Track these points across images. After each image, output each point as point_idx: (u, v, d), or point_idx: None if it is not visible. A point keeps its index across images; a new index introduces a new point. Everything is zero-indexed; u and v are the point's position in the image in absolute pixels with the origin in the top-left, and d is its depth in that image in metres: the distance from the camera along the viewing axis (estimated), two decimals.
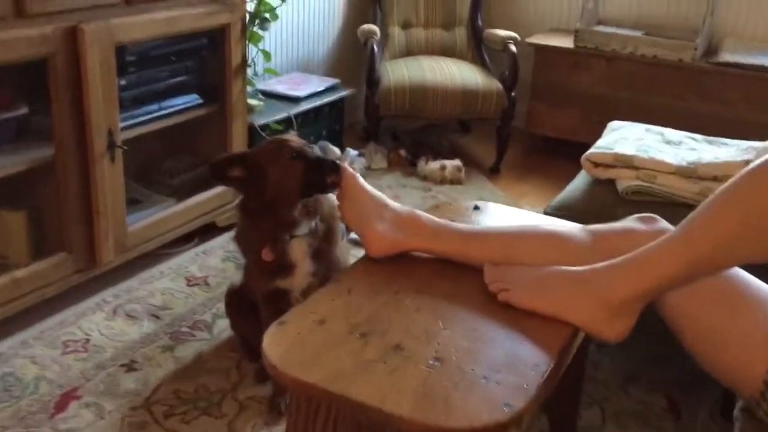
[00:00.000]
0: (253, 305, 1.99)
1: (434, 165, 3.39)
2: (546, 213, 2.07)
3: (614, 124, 2.44)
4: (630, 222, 1.50)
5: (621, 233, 1.47)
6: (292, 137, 1.78)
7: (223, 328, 2.25)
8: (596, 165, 2.12)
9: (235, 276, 2.53)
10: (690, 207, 2.05)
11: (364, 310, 1.37)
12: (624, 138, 2.22)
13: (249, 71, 2.82)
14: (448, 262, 1.53)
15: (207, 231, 2.81)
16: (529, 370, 1.22)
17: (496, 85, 3.57)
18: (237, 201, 1.85)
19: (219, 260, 2.66)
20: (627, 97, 3.63)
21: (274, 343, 1.27)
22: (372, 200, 1.60)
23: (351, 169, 1.65)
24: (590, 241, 1.46)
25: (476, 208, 1.82)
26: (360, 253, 1.56)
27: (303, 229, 1.77)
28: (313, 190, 1.72)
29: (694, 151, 2.17)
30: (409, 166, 3.58)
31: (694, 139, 2.30)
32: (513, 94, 3.58)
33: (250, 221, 1.80)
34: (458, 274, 1.50)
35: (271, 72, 3.07)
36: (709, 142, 2.28)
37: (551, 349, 1.28)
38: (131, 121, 2.41)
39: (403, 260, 1.55)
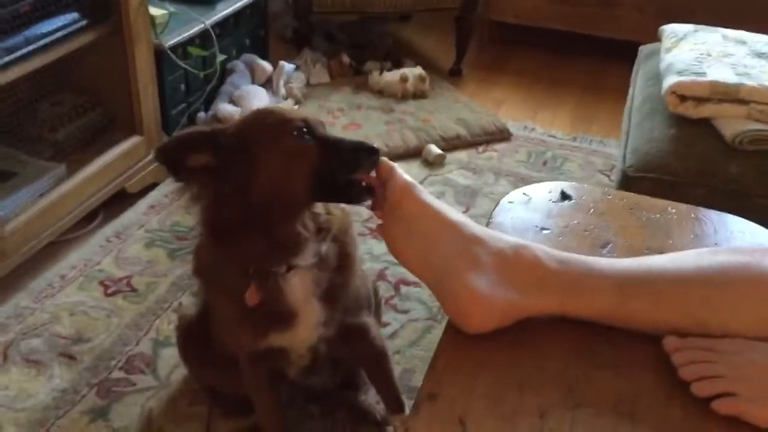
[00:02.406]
0: (217, 339, 1.34)
1: (391, 76, 2.69)
2: (626, 176, 1.48)
3: (675, 29, 1.82)
4: None
5: None
6: (291, 108, 1.07)
7: (171, 363, 1.58)
8: (683, 98, 1.52)
9: (173, 272, 1.83)
10: None
11: None
12: (706, 53, 1.62)
13: None
14: (591, 327, 0.93)
15: (113, 201, 2.05)
16: None
17: None
18: (199, 212, 1.11)
19: (141, 247, 1.93)
20: None
21: None
22: (452, 231, 0.95)
23: (403, 174, 0.98)
24: None
25: (565, 197, 1.21)
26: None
27: (308, 255, 1.09)
28: (332, 195, 1.04)
29: None
30: (354, 76, 2.86)
31: None
32: None
33: (221, 243, 1.07)
34: (618, 353, 0.91)
35: None
36: None
37: None
38: None
39: (520, 331, 0.93)
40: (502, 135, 2.53)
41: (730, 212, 1.22)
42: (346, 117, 2.52)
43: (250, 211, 1.01)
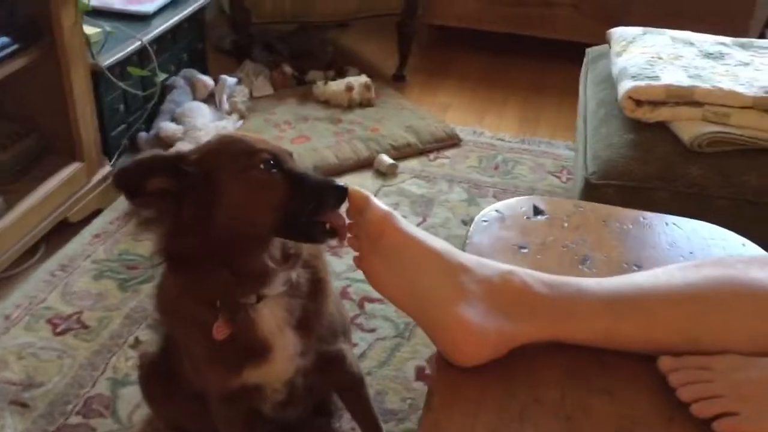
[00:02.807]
0: (185, 378, 1.27)
1: (336, 85, 2.64)
2: (589, 184, 1.48)
3: (623, 32, 1.83)
4: None
5: None
6: (257, 137, 1.02)
7: (132, 402, 1.50)
8: (639, 103, 1.53)
9: (125, 304, 1.75)
10: None
11: None
12: (657, 56, 1.63)
13: None
14: (582, 350, 0.91)
15: (55, 231, 1.95)
16: None
17: None
18: (156, 239, 1.04)
19: (89, 279, 1.83)
20: None
21: None
22: (436, 261, 0.92)
23: (380, 204, 0.95)
24: None
25: (537, 212, 1.19)
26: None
27: (277, 285, 1.04)
28: (295, 233, 1.00)
29: (747, 66, 1.63)
30: (297, 86, 2.81)
31: (725, 44, 1.76)
32: None
33: (181, 273, 1.01)
34: (612, 376, 0.89)
35: None
36: (744, 47, 1.76)
37: None
38: None
39: (511, 360, 0.90)
40: (452, 141, 2.51)
41: (693, 215, 1.23)
42: (293, 130, 2.47)
43: (212, 242, 0.96)
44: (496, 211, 1.20)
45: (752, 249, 1.12)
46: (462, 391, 0.87)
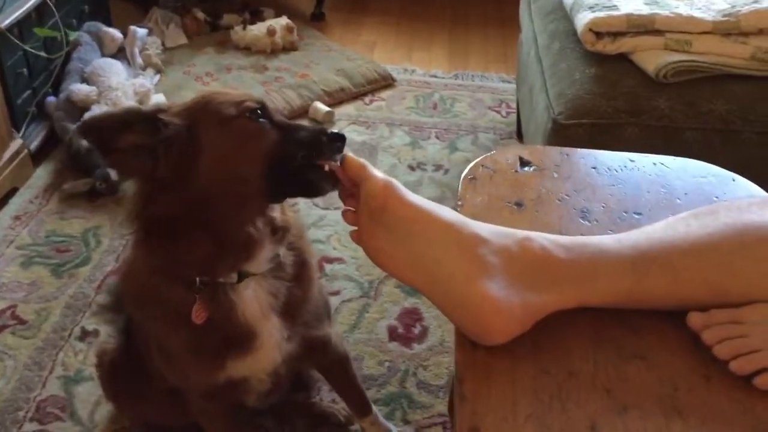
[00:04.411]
0: (157, 375, 1.16)
1: (257, 30, 2.47)
2: (557, 125, 1.42)
3: None
4: None
5: None
6: (245, 92, 0.92)
7: (90, 400, 1.38)
8: (599, 35, 1.47)
9: (63, 292, 1.60)
10: (740, 78, 1.54)
11: None
12: None
13: None
14: (604, 312, 0.87)
15: None
16: None
17: None
18: (129, 202, 0.92)
19: (17, 268, 1.66)
20: None
21: None
22: (449, 233, 0.84)
23: (379, 173, 0.85)
24: None
25: (524, 165, 1.13)
26: None
27: (263, 260, 0.94)
28: (289, 186, 0.89)
29: None
30: (212, 33, 2.62)
31: None
32: None
33: (159, 245, 0.89)
34: (641, 339, 0.85)
35: None
36: None
37: None
38: None
39: (535, 333, 0.85)
40: (385, 82, 2.41)
41: (664, 149, 1.20)
42: (217, 82, 2.30)
43: (193, 203, 0.85)
44: (483, 166, 1.12)
45: (742, 182, 1.10)
46: (493, 373, 0.81)
